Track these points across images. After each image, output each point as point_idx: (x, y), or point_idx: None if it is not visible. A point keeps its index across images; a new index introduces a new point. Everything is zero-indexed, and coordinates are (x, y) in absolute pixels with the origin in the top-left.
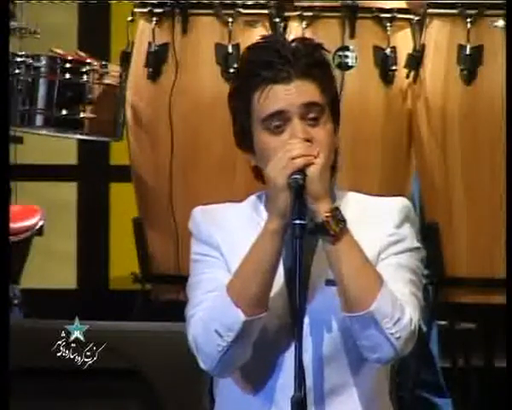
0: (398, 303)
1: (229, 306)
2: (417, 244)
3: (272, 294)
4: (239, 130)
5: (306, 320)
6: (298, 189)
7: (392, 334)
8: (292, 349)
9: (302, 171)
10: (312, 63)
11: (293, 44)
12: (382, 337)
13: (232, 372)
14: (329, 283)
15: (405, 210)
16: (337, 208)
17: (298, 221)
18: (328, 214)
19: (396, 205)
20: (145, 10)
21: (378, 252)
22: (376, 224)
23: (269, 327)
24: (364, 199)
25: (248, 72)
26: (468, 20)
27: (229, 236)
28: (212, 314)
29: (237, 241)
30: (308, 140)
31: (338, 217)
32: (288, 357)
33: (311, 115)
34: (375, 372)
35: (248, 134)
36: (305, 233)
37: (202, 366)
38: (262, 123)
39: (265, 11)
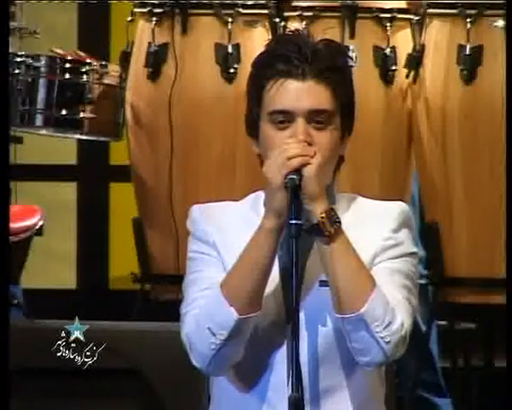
0: (390, 308)
1: (222, 304)
2: (414, 249)
3: (267, 293)
4: (248, 115)
5: (300, 320)
6: (294, 189)
7: (382, 338)
8: (285, 349)
9: (298, 171)
10: (331, 67)
11: (317, 44)
12: (372, 341)
13: (225, 371)
14: (323, 283)
15: (403, 215)
16: (332, 209)
17: (294, 221)
18: (323, 215)
19: (394, 209)
20: (145, 10)
21: (373, 255)
22: (373, 227)
23: (263, 326)
24: (363, 202)
25: (265, 61)
26: (468, 20)
27: (225, 234)
28: (205, 312)
29: (233, 240)
30: (308, 142)
31: (333, 218)
32: (281, 356)
33: (318, 119)
34: (369, 375)
35: (256, 122)
36: (300, 233)
37: (195, 363)
38: (268, 115)
39: (265, 11)
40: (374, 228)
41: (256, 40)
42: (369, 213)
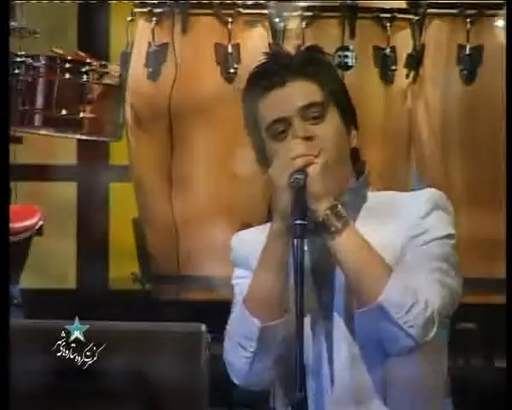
0: (410, 291)
1: (245, 316)
2: (448, 231)
3: None
4: (254, 146)
5: (334, 317)
6: (299, 189)
7: (405, 323)
8: (324, 346)
9: (303, 171)
10: (306, 62)
11: (289, 50)
12: (396, 328)
13: (267, 384)
14: None
15: (432, 199)
16: (336, 205)
17: (299, 221)
18: (328, 211)
19: (421, 196)
20: (145, 10)
21: (402, 246)
22: (402, 218)
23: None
24: (394, 197)
25: (249, 83)
26: (468, 20)
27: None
28: (233, 328)
29: None
30: (309, 138)
31: (338, 213)
32: (318, 356)
33: (313, 114)
34: (420, 367)
35: (262, 148)
36: (306, 233)
37: (235, 381)
38: (267, 131)
39: (265, 11)
40: (402, 219)
41: (256, 40)
42: (398, 206)
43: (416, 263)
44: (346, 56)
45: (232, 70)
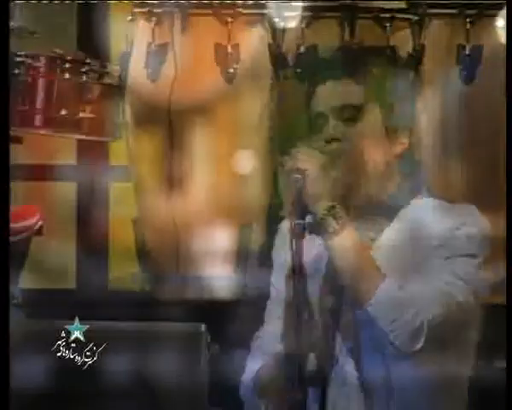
0: (402, 300)
1: (253, 395)
2: (474, 251)
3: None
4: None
5: (341, 319)
6: (298, 189)
7: (391, 331)
8: (331, 349)
9: (303, 171)
10: (352, 64)
11: (339, 49)
12: (382, 335)
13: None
14: None
15: (465, 214)
16: (334, 206)
17: (298, 221)
18: (325, 212)
19: (455, 210)
20: (145, 10)
21: (423, 255)
22: (430, 229)
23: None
24: (429, 205)
25: (303, 78)
26: (468, 20)
27: None
28: (248, 365)
29: None
30: (336, 139)
31: (336, 214)
32: (327, 357)
33: (346, 115)
34: (419, 370)
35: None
36: (305, 233)
37: (243, 398)
38: (314, 126)
39: (265, 11)
40: (431, 230)
41: (256, 40)
42: (430, 217)
43: (427, 273)
44: None
45: (232, 70)
